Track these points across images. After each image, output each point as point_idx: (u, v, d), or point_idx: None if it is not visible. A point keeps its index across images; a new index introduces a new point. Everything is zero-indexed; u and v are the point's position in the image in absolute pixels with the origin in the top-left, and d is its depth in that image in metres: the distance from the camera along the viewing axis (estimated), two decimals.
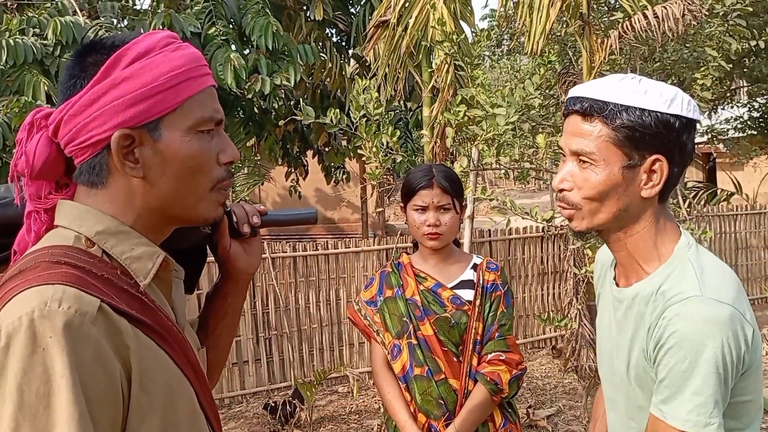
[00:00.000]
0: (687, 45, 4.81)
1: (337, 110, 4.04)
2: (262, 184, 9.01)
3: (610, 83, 1.11)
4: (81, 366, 0.72)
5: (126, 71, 0.84)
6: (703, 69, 4.21)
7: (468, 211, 4.36)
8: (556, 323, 4.30)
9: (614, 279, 1.26)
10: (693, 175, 13.56)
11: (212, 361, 1.15)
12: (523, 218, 4.35)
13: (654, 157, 1.09)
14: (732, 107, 9.71)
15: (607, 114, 1.09)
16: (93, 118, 0.83)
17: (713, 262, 1.14)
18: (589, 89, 1.12)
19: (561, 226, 5.66)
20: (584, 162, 1.12)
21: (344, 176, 8.59)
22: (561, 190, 1.15)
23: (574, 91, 1.14)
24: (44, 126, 0.87)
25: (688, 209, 4.98)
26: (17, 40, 4.97)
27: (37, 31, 5.29)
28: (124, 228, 0.87)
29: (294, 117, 4.48)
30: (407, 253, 2.10)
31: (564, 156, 1.17)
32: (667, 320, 1.07)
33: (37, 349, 0.71)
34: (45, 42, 5.17)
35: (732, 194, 9.14)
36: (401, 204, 2.03)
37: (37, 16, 5.33)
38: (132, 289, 0.84)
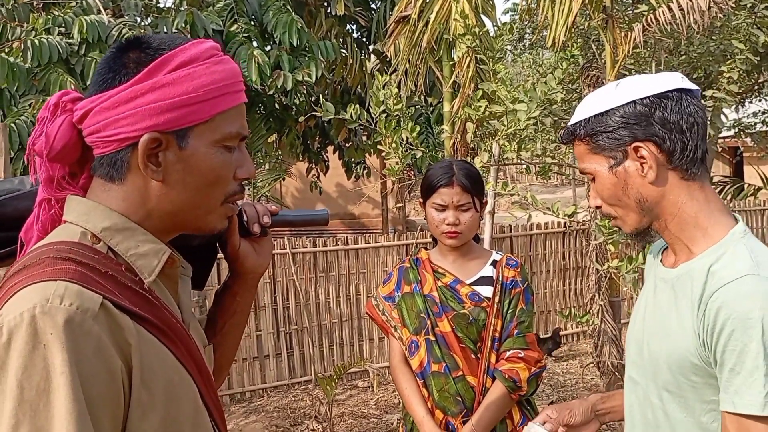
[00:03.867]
0: (713, 38, 4.72)
1: (357, 106, 4.03)
2: (283, 180, 9.06)
3: (582, 104, 1.22)
4: (81, 362, 0.72)
5: (169, 77, 0.84)
6: (729, 62, 4.13)
7: (489, 207, 4.33)
8: (578, 319, 4.26)
9: (661, 262, 1.26)
10: (719, 169, 13.32)
11: (219, 360, 1.15)
12: (544, 213, 4.32)
13: (633, 146, 1.14)
14: (760, 100, 9.50)
15: (577, 133, 1.20)
16: (126, 115, 0.84)
17: (763, 250, 1.12)
18: (572, 119, 1.23)
19: (583, 221, 5.61)
20: (589, 177, 1.22)
21: (365, 171, 8.60)
22: (597, 208, 1.24)
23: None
24: (69, 110, 0.87)
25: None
26: (42, 39, 5.05)
27: (63, 30, 5.37)
28: (130, 225, 0.87)
29: (314, 113, 4.50)
30: (426, 249, 2.09)
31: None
32: (721, 301, 1.04)
33: (38, 346, 0.71)
34: (70, 41, 5.25)
35: (759, 189, 8.95)
36: (420, 200, 2.02)
37: (62, 15, 5.41)
38: (136, 286, 0.84)
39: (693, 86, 1.15)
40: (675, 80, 1.14)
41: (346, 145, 7.91)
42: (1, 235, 0.97)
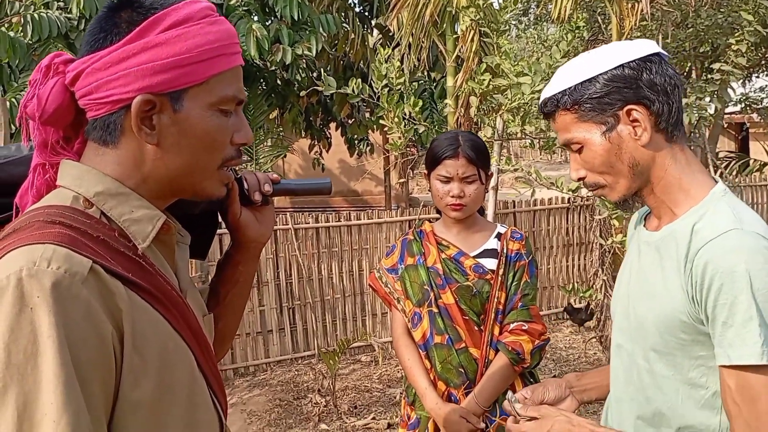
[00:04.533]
0: (721, 10, 4.64)
1: (359, 80, 3.99)
2: (285, 157, 9.02)
3: (557, 75, 1.20)
4: (70, 327, 0.71)
5: (161, 36, 0.82)
6: (738, 34, 4.06)
7: (492, 183, 4.31)
8: (581, 294, 4.26)
9: (644, 227, 1.27)
10: (725, 145, 13.23)
11: (222, 330, 1.14)
12: (548, 189, 4.29)
13: (625, 109, 1.13)
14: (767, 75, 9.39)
15: (563, 103, 1.17)
16: (118, 76, 0.81)
17: (748, 208, 1.15)
18: (545, 92, 1.20)
19: (587, 196, 5.58)
20: (575, 147, 1.19)
21: (367, 148, 8.56)
22: (580, 179, 1.22)
23: (541, 99, 1.23)
24: (62, 72, 0.85)
25: (720, 179, 4.87)
26: (42, 14, 4.99)
27: (62, 4, 5.31)
28: (124, 190, 0.86)
29: (316, 88, 4.46)
30: (429, 221, 2.08)
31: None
32: (707, 257, 1.05)
33: (24, 309, 0.70)
34: (69, 16, 5.19)
35: (765, 165, 8.89)
36: (425, 171, 2.00)
37: None
38: (129, 252, 0.82)
39: (664, 52, 1.18)
40: (652, 45, 1.16)
41: (349, 121, 7.86)
42: None
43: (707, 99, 4.33)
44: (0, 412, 0.68)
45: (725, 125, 11.06)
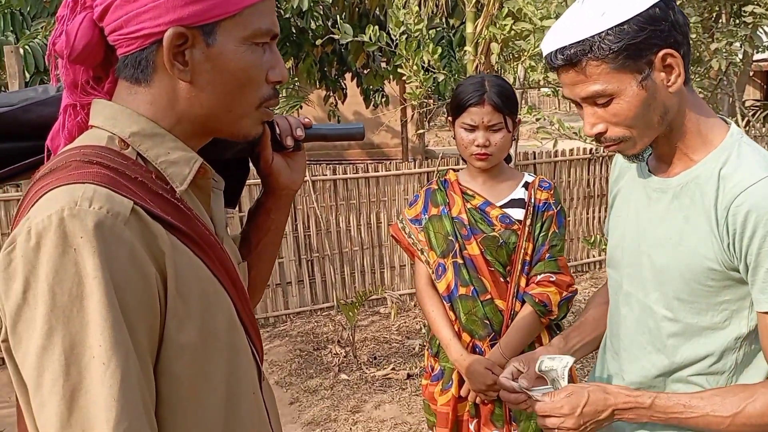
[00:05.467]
0: None
1: (376, 27, 3.87)
2: (301, 108, 8.92)
3: (573, 20, 1.08)
4: (115, 268, 0.68)
5: None
6: None
7: (517, 132, 4.20)
8: (603, 247, 4.20)
9: (649, 172, 1.22)
10: (750, 93, 12.88)
11: (255, 279, 1.12)
12: (570, 138, 4.18)
13: (660, 54, 1.06)
14: None
15: (594, 51, 1.05)
16: (147, 9, 0.77)
17: (764, 149, 1.11)
18: (560, 37, 1.08)
19: None
20: (603, 100, 1.09)
21: (383, 100, 8.42)
22: (599, 134, 1.13)
23: (547, 46, 1.11)
24: (90, 6, 0.81)
25: (747, 128, 4.72)
26: None
27: None
28: (159, 130, 0.82)
29: (332, 36, 4.33)
30: (454, 170, 2.02)
31: (577, 105, 1.13)
32: (749, 205, 1.02)
33: (68, 249, 0.67)
34: None
35: None
36: (449, 118, 1.93)
37: None
38: (167, 195, 0.80)
39: None
40: None
41: (365, 71, 7.70)
42: (27, 144, 0.92)
43: (737, 44, 4.16)
44: (47, 354, 0.66)
45: (752, 73, 10.73)
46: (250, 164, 1.09)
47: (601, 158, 5.89)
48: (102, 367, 0.66)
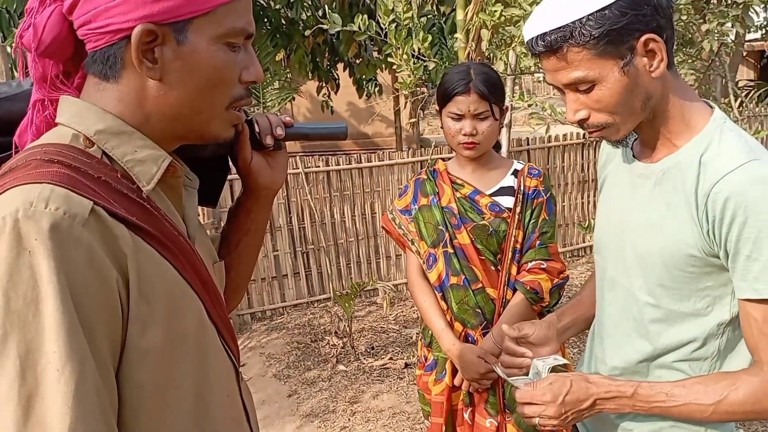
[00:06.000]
0: None
1: (365, 17, 3.84)
2: (293, 99, 8.87)
3: (554, 5, 1.06)
4: (71, 271, 0.66)
5: None
6: None
7: (505, 119, 4.18)
8: None
9: (633, 157, 1.20)
10: (744, 73, 12.85)
11: (234, 279, 1.10)
12: (563, 124, 4.17)
13: (642, 39, 1.04)
14: None
15: (574, 37, 1.03)
16: (117, 4, 0.75)
17: (749, 135, 1.09)
18: (540, 23, 1.07)
19: None
20: (585, 87, 1.07)
21: (376, 89, 8.38)
22: (581, 121, 1.11)
23: (528, 32, 1.09)
24: None
25: (740, 109, 4.71)
26: None
27: None
28: (126, 128, 0.80)
29: (321, 26, 4.30)
30: (443, 160, 2.01)
31: (560, 90, 1.12)
32: (728, 191, 1.01)
33: (22, 252, 0.65)
34: None
35: None
36: (437, 107, 1.92)
37: None
38: (133, 194, 0.78)
39: None
40: None
41: (357, 61, 7.66)
42: None
43: (728, 24, 4.14)
44: (1, 360, 0.64)
45: (745, 53, 10.69)
46: (230, 163, 1.07)
47: (594, 143, 5.88)
48: (56, 373, 0.64)
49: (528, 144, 5.72)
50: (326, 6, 6.05)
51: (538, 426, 1.19)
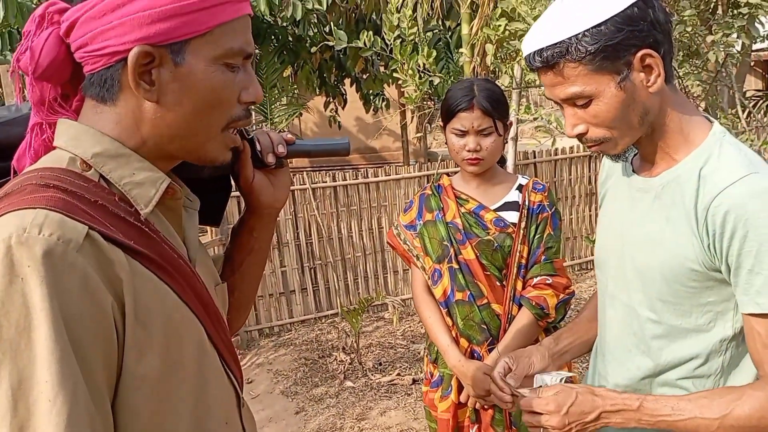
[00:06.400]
0: None
1: (371, 33, 3.87)
2: (301, 115, 8.92)
3: (551, 21, 1.07)
4: (64, 298, 0.66)
5: None
6: None
7: (511, 133, 4.18)
8: None
9: (633, 171, 1.20)
10: (752, 84, 12.80)
11: (238, 299, 1.09)
12: (569, 137, 4.17)
13: (639, 55, 1.04)
14: None
15: (570, 53, 1.04)
16: (113, 26, 0.75)
17: (749, 149, 1.09)
18: (537, 38, 1.07)
19: None
20: (582, 102, 1.08)
21: (383, 104, 8.41)
22: (579, 135, 1.11)
23: (526, 47, 1.10)
24: (57, 22, 0.79)
25: (748, 119, 4.68)
26: None
27: None
28: (124, 151, 0.80)
29: (327, 42, 4.33)
30: (448, 175, 2.01)
31: (558, 104, 1.12)
32: (728, 205, 1.00)
33: (15, 279, 0.64)
34: None
35: None
36: (441, 123, 1.92)
37: None
38: (130, 218, 0.77)
39: None
40: None
41: (363, 76, 7.70)
42: None
43: (734, 35, 4.13)
44: None
45: (752, 63, 10.66)
46: (232, 182, 1.07)
47: (601, 155, 5.86)
48: (48, 404, 0.63)
49: (535, 157, 5.71)
50: (332, 23, 6.10)
51: None
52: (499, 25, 3.80)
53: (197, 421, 0.79)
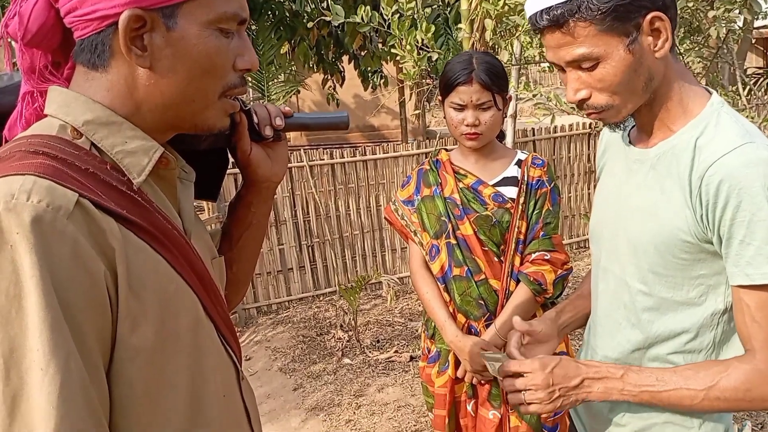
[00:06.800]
0: None
1: (368, 8, 3.81)
2: (299, 93, 8.85)
3: None
4: (55, 266, 0.64)
5: None
6: None
7: (510, 110, 4.16)
8: None
9: (630, 143, 1.19)
10: (753, 61, 12.72)
11: (237, 274, 1.08)
12: (569, 114, 4.13)
13: (648, 17, 1.01)
14: None
15: (581, 11, 1.01)
16: None
17: (746, 120, 1.07)
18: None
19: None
20: (588, 64, 1.05)
21: (382, 81, 8.34)
22: (581, 101, 1.08)
23: (532, 6, 1.06)
24: None
25: (749, 97, 4.65)
26: None
27: None
28: (116, 118, 0.78)
29: (324, 17, 4.28)
30: (446, 150, 1.99)
31: (560, 69, 1.09)
32: (722, 174, 0.98)
33: (3, 246, 0.63)
34: None
35: None
36: (440, 98, 1.89)
37: None
38: (123, 187, 0.75)
39: None
40: None
41: (362, 53, 7.62)
42: None
43: (736, 11, 4.08)
44: None
45: (753, 40, 10.58)
46: (229, 156, 1.05)
47: (600, 133, 5.83)
48: (40, 372, 0.62)
49: (534, 134, 5.68)
50: None
51: (525, 405, 1.16)
52: (499, 0, 3.75)
53: (193, 393, 0.78)
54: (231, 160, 1.05)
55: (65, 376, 0.63)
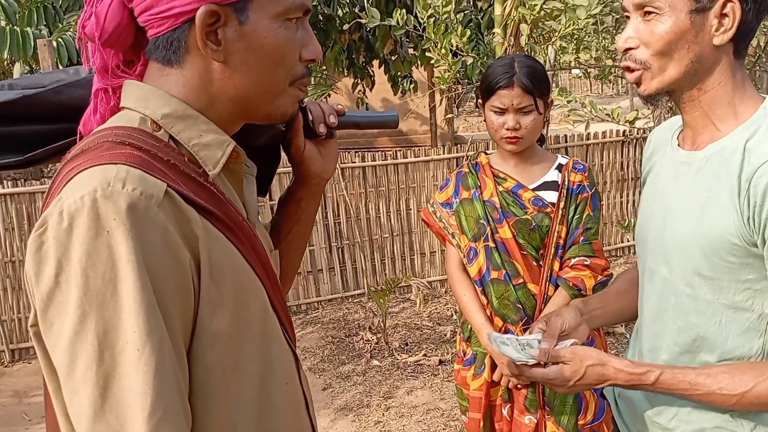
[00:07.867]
0: None
1: (404, 11, 3.83)
2: (329, 96, 8.91)
3: None
4: (149, 252, 0.67)
5: None
6: None
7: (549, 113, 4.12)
8: None
9: (678, 146, 1.18)
10: None
11: (285, 268, 1.10)
12: (602, 121, 4.10)
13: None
14: None
15: None
16: None
17: None
18: None
19: (643, 129, 5.34)
20: (649, 14, 1.05)
21: (411, 86, 8.35)
22: (627, 50, 1.09)
23: None
24: None
25: None
26: None
27: None
28: (191, 112, 0.80)
29: (359, 20, 4.31)
30: (485, 153, 1.99)
31: (628, 16, 1.09)
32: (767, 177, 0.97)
33: (101, 232, 0.65)
34: None
35: None
36: (479, 101, 1.90)
37: None
38: (200, 178, 0.78)
39: None
40: None
41: (392, 58, 7.65)
42: (58, 126, 0.92)
43: None
44: (79, 340, 0.65)
45: None
46: (281, 152, 1.08)
47: (635, 141, 5.76)
48: (136, 353, 0.64)
49: (566, 141, 5.63)
50: (364, 1, 6.06)
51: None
52: (535, 5, 3.74)
53: (262, 380, 0.80)
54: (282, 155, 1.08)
55: (160, 357, 0.66)
